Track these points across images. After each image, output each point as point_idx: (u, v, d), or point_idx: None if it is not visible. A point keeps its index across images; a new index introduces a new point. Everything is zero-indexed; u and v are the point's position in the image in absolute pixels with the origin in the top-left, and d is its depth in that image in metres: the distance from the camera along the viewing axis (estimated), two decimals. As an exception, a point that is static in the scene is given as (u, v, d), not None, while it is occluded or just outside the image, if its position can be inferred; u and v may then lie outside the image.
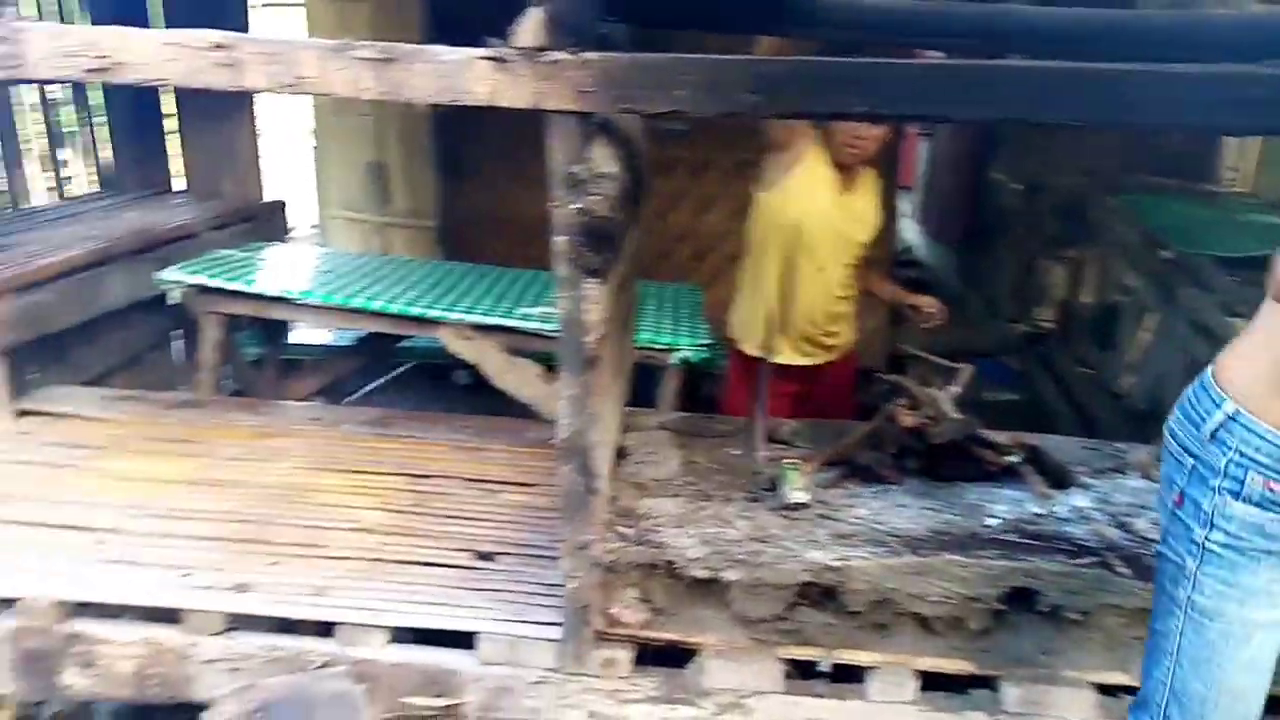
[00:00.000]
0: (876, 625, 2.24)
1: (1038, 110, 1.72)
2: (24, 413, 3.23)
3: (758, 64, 1.65)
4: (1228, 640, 1.60)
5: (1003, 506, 2.48)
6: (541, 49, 1.72)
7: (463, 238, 5.65)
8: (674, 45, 1.92)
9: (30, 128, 4.21)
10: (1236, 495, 1.55)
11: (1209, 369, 1.64)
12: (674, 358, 3.64)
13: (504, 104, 1.74)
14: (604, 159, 1.80)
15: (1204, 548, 1.59)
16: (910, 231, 8.28)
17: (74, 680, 2.34)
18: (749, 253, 3.35)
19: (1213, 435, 1.58)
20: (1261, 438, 1.52)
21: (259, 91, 1.72)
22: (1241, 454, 1.54)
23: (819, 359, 3.36)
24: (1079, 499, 2.55)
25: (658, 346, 3.64)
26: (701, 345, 3.68)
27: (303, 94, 1.71)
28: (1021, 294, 5.94)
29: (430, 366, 5.28)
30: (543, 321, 3.60)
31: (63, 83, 2.68)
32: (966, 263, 7.05)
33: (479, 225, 5.68)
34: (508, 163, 5.46)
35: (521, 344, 3.62)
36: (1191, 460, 1.62)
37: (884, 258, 3.45)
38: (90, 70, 1.71)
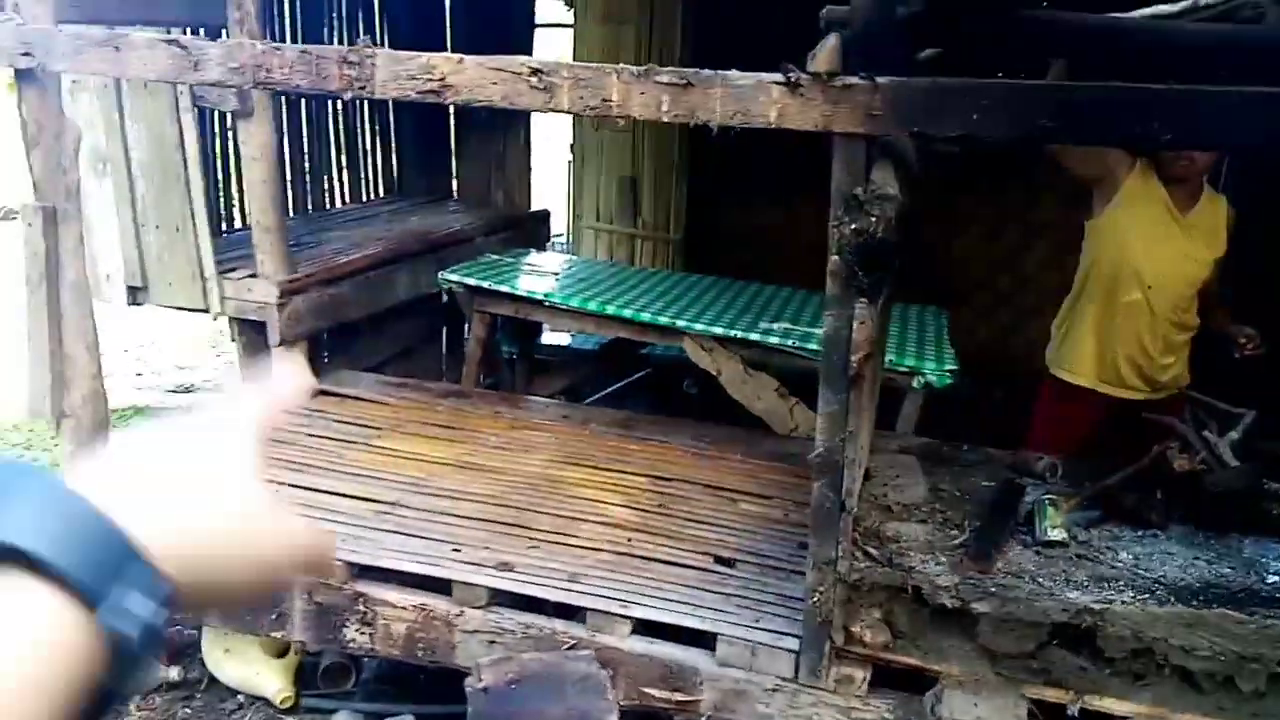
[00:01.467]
0: (1134, 674, 2.13)
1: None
2: (318, 392, 3.62)
3: (1056, 89, 1.63)
4: None
5: (1285, 565, 2.30)
6: (833, 74, 1.77)
7: (704, 251, 5.80)
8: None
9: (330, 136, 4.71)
10: None
11: None
12: (916, 381, 3.59)
13: (792, 126, 1.81)
14: (886, 181, 1.83)
15: None
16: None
17: (355, 636, 2.60)
18: (1078, 276, 3.29)
19: None
20: None
21: (568, 113, 1.88)
22: None
23: (1138, 394, 3.21)
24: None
25: (901, 369, 3.60)
26: (946, 370, 3.60)
27: (606, 115, 1.86)
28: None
29: (663, 375, 5.45)
30: (783, 337, 3.64)
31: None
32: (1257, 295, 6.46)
33: (720, 239, 5.82)
34: (750, 180, 5.58)
35: (759, 358, 3.68)
36: None
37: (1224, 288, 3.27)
38: (425, 91, 1.92)
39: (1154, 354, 3.17)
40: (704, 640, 2.39)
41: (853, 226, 1.81)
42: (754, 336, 3.67)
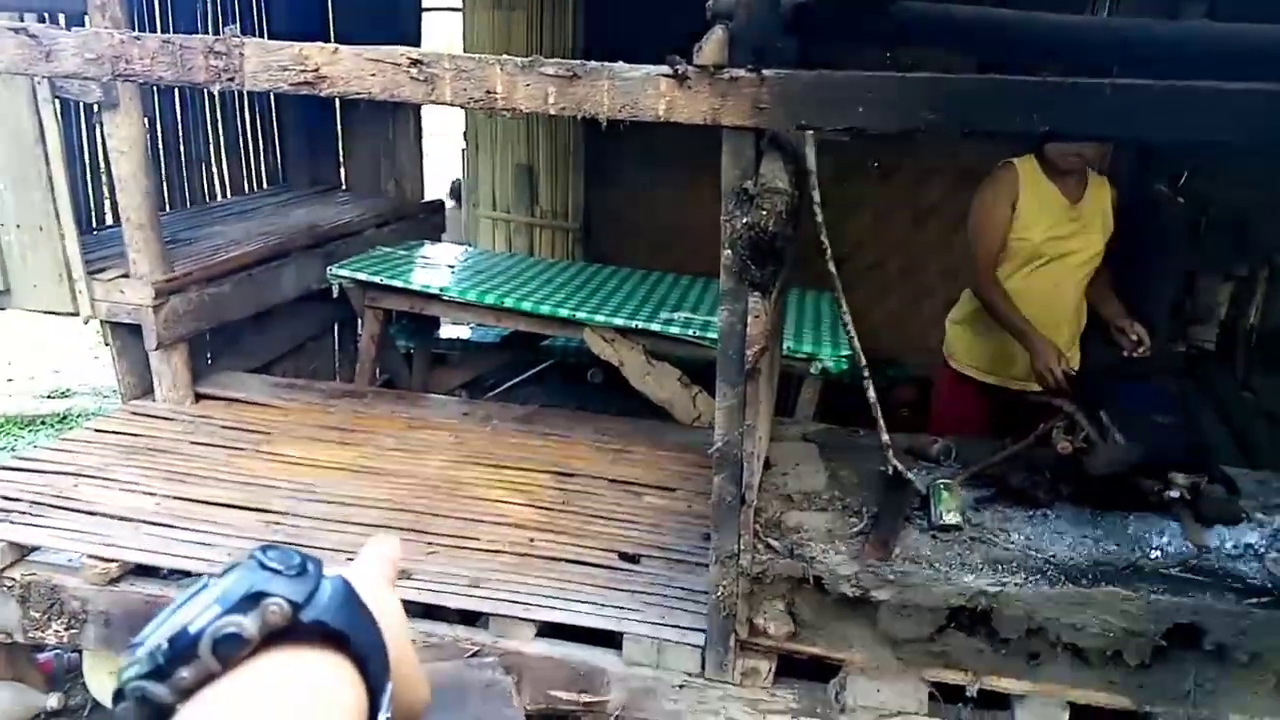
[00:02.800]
0: (1029, 654, 2.19)
1: (1237, 131, 1.65)
2: (201, 396, 3.46)
3: (939, 82, 1.63)
4: None
5: (1166, 539, 2.38)
6: (720, 66, 1.74)
7: (603, 239, 5.76)
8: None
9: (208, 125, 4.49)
10: None
11: None
12: (814, 367, 3.62)
13: (681, 119, 1.77)
14: (775, 174, 1.82)
15: None
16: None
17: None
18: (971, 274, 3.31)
19: None
20: None
21: (451, 105, 1.80)
22: None
23: (1030, 384, 3.27)
24: (1249, 535, 2.43)
25: (799, 355, 3.62)
26: (842, 356, 3.64)
27: (490, 108, 1.79)
28: (1180, 313, 5.66)
29: (566, 365, 5.40)
30: (683, 326, 3.64)
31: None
32: (1121, 279, 6.74)
33: (619, 227, 5.79)
34: (648, 168, 5.56)
35: (661, 347, 3.67)
36: None
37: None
38: (298, 83, 1.83)
39: (1061, 342, 3.22)
40: (610, 639, 2.37)
41: (744, 220, 1.79)
42: (655, 327, 3.65)
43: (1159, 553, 2.32)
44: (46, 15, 3.33)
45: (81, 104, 3.47)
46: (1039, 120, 1.64)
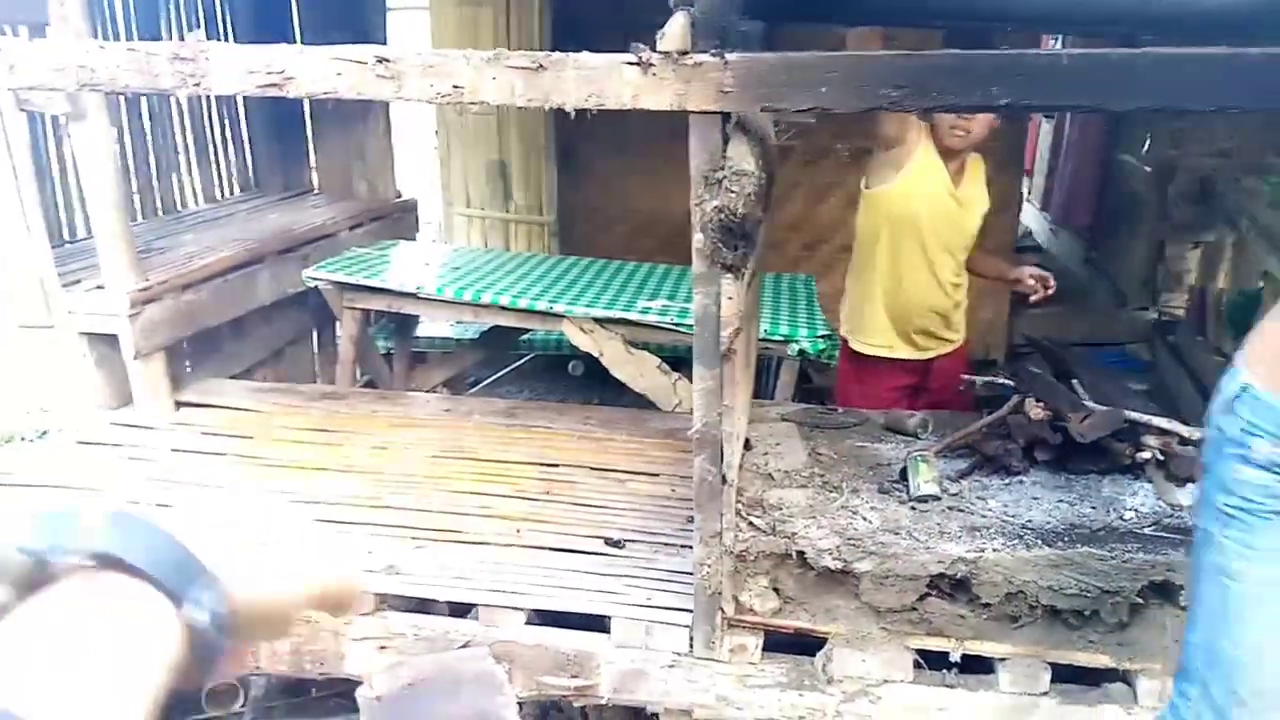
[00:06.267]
0: (1009, 617, 2.23)
1: (1193, 98, 1.69)
2: (181, 404, 3.46)
3: (901, 59, 1.66)
4: (1249, 600, 1.65)
5: (1140, 499, 2.44)
6: (684, 52, 1.77)
7: (578, 232, 5.78)
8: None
9: (178, 133, 4.47)
10: (1246, 460, 1.62)
11: (1241, 347, 1.69)
12: (791, 349, 3.66)
13: (648, 106, 1.80)
14: (742, 157, 1.84)
15: (1223, 512, 1.66)
16: (1031, 217, 8.05)
17: (238, 653, 2.50)
18: (858, 247, 3.37)
19: (1229, 405, 1.65)
20: (1267, 407, 1.59)
21: (418, 101, 1.82)
22: (1250, 422, 1.61)
23: (932, 352, 3.35)
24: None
25: (775, 338, 3.66)
26: (819, 336, 3.69)
27: (459, 102, 1.81)
28: (1151, 280, 5.74)
29: (547, 357, 5.42)
30: (661, 314, 3.66)
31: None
32: (1092, 248, 6.83)
33: (593, 220, 5.81)
34: (620, 159, 5.58)
35: (640, 336, 3.69)
36: (1214, 431, 1.69)
37: (1003, 244, 3.43)
38: (265, 85, 1.84)
39: (942, 315, 3.32)
40: (599, 623, 2.40)
41: (713, 204, 1.82)
42: (633, 316, 3.67)
43: (1133, 513, 2.37)
44: (6, 28, 3.31)
45: (47, 115, 3.45)
46: (999, 93, 1.67)
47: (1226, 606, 1.68)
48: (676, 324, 3.61)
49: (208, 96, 4.46)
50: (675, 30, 1.75)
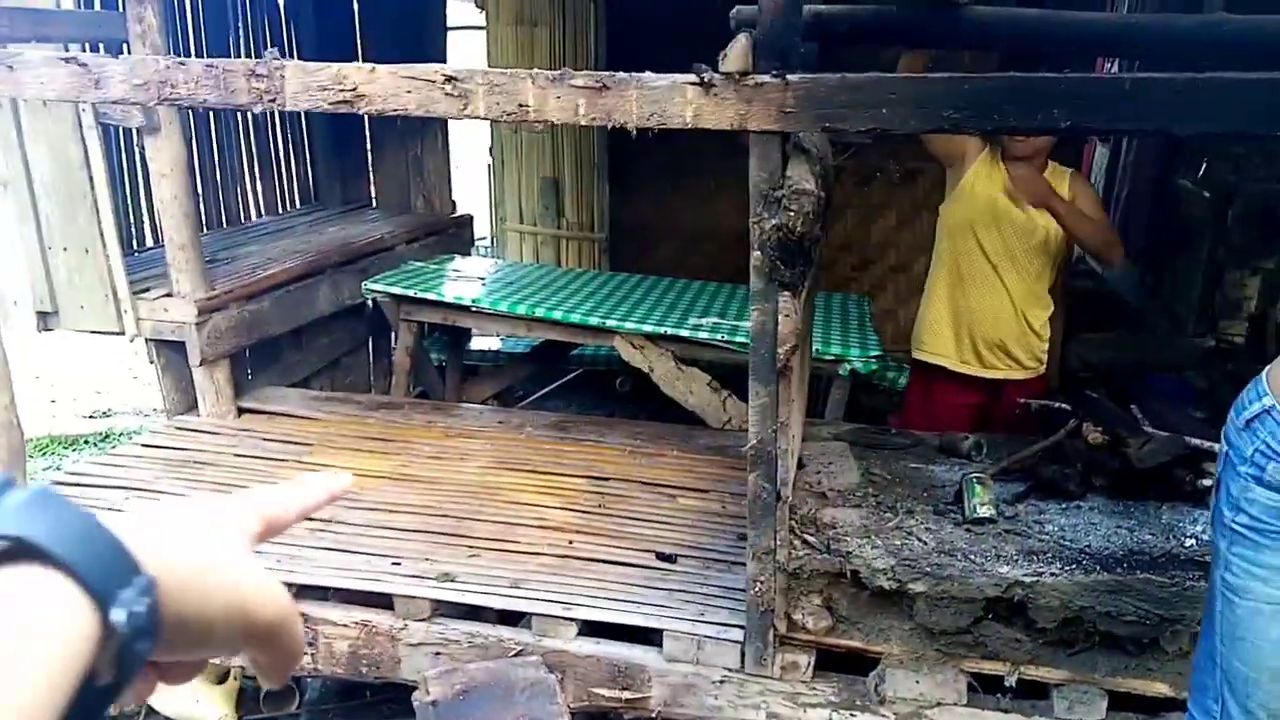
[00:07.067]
0: (1065, 642, 2.21)
1: (1253, 122, 1.68)
2: (243, 410, 3.55)
3: (962, 81, 1.68)
4: (1257, 618, 1.65)
5: (1200, 527, 2.40)
6: (745, 73, 1.80)
7: (628, 248, 5.83)
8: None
9: (242, 146, 4.60)
10: (1259, 481, 1.62)
11: (1268, 367, 1.68)
12: (842, 368, 3.66)
13: (708, 126, 1.82)
14: (801, 176, 1.86)
15: (1233, 529, 1.66)
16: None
17: (296, 656, 2.55)
18: (933, 266, 3.38)
19: (1248, 424, 1.64)
20: None
21: (485, 119, 1.87)
22: (1267, 444, 1.61)
23: (1000, 373, 3.31)
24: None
25: (827, 357, 3.66)
26: (871, 357, 3.68)
27: (523, 121, 1.85)
28: (1208, 306, 5.63)
29: (594, 373, 5.46)
30: (712, 331, 3.68)
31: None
32: (1148, 273, 6.72)
33: (643, 236, 5.85)
34: (671, 177, 5.62)
35: (690, 353, 3.71)
36: (1228, 448, 1.69)
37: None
38: (337, 102, 1.90)
39: (1012, 331, 3.25)
40: (650, 637, 2.41)
41: (772, 222, 1.84)
42: (684, 332, 3.70)
43: (1194, 540, 2.33)
44: (86, 45, 3.44)
45: (122, 128, 3.57)
46: (1059, 116, 1.68)
47: (1235, 624, 1.68)
48: (728, 341, 3.62)
49: (271, 111, 4.59)
50: (737, 51, 1.78)
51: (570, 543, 2.71)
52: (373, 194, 5.12)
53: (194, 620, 0.49)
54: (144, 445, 3.32)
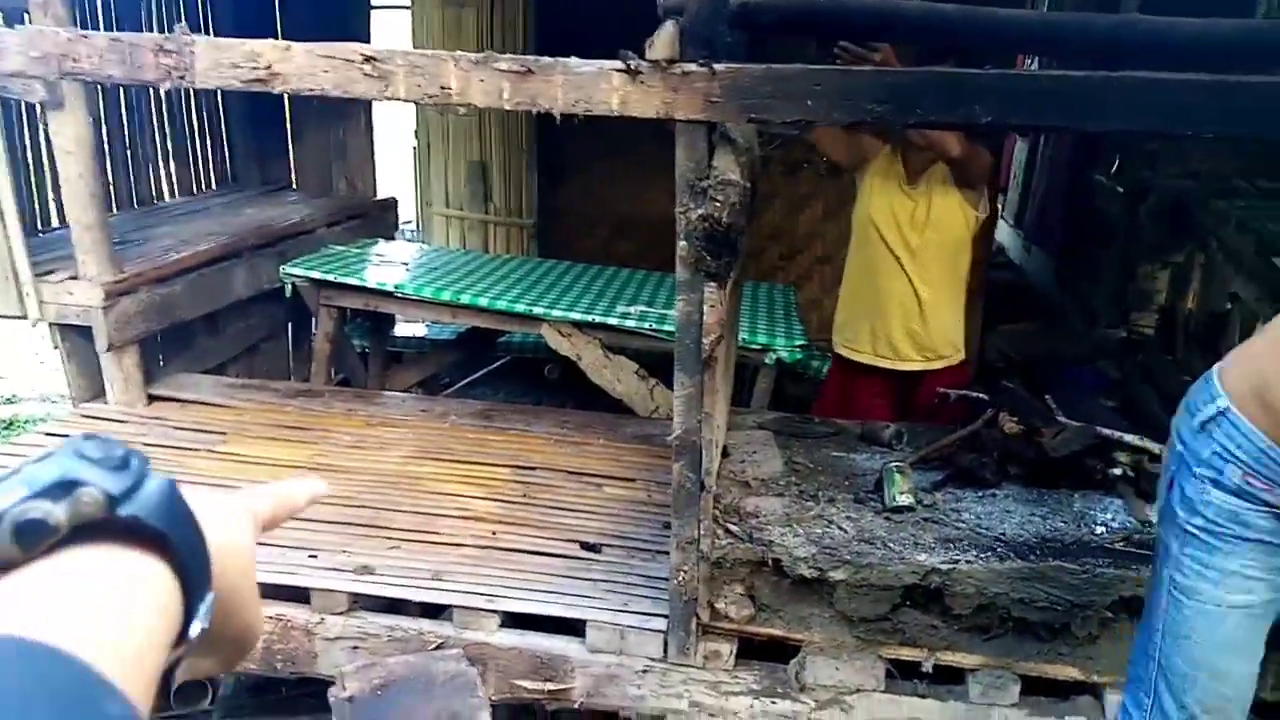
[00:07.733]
0: (980, 628, 2.25)
1: (1164, 121, 1.72)
2: (154, 398, 3.42)
3: (887, 75, 1.68)
4: (1203, 618, 1.68)
5: (1110, 515, 2.47)
6: (672, 61, 1.78)
7: (557, 235, 5.78)
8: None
9: (155, 125, 4.43)
10: (1216, 484, 1.64)
11: (1216, 366, 1.70)
12: (768, 357, 3.68)
13: (634, 114, 1.80)
14: (728, 167, 1.86)
15: (1186, 530, 1.68)
16: (1005, 234, 8.14)
17: (207, 652, 2.48)
18: (847, 260, 3.42)
19: (1203, 426, 1.66)
20: (1244, 435, 1.60)
21: (405, 101, 1.82)
22: (1224, 447, 1.62)
23: (915, 364, 3.35)
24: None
25: (753, 346, 3.68)
26: (796, 346, 3.71)
27: (445, 104, 1.80)
28: (1121, 300, 5.81)
29: (521, 361, 5.41)
30: (639, 320, 3.67)
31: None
32: (1064, 266, 6.91)
33: (572, 223, 5.81)
34: (600, 163, 5.59)
35: (618, 341, 3.70)
36: (1182, 448, 1.70)
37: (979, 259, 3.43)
38: (250, 80, 1.83)
39: (922, 323, 3.28)
40: (574, 628, 2.39)
41: (698, 213, 1.83)
42: (612, 320, 3.68)
43: (1104, 528, 2.40)
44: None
45: (23, 103, 3.41)
46: (981, 111, 1.70)
47: (1181, 623, 1.70)
48: (656, 330, 3.61)
49: (186, 89, 4.42)
50: (664, 39, 1.76)
51: (493, 533, 2.67)
52: (293, 176, 4.97)
53: (213, 637, 0.50)
54: (48, 434, 3.19)
